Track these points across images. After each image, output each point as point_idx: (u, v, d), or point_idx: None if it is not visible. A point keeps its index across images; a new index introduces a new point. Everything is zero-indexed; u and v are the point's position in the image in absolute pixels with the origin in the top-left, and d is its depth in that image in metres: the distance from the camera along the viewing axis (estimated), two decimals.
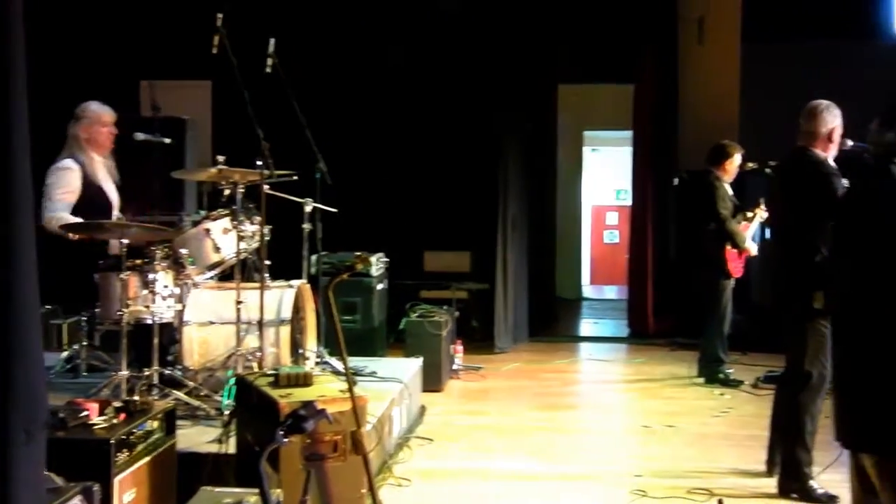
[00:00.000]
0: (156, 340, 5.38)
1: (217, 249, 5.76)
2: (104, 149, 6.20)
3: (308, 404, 3.20)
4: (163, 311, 5.48)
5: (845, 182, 5.25)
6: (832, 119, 5.26)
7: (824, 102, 5.33)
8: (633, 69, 10.73)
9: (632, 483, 5.45)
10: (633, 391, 8.17)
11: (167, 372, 5.45)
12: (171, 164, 7.46)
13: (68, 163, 5.98)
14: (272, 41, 6.20)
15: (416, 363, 7.14)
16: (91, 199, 6.03)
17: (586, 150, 15.03)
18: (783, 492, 5.21)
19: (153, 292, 5.43)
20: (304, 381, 4.21)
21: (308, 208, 6.67)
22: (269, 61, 6.19)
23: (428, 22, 10.13)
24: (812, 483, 5.15)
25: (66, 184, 5.94)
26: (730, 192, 8.01)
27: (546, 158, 11.32)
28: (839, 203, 5.04)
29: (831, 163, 5.25)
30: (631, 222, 10.95)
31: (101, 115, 6.14)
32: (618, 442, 6.60)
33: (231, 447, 4.51)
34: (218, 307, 5.66)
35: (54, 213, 5.84)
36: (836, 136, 5.27)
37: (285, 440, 3.09)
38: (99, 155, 6.16)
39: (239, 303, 5.52)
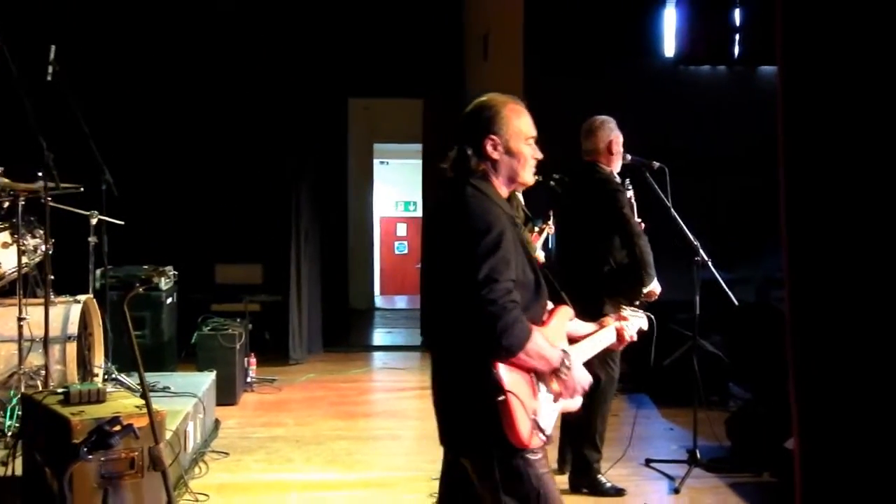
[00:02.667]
0: None
1: None
2: None
3: (113, 420, 3.10)
4: None
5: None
6: (608, 133, 5.55)
7: (599, 118, 5.62)
8: (422, 84, 10.91)
9: (431, 486, 5.54)
10: (428, 398, 8.22)
11: None
12: None
13: None
14: (53, 48, 5.96)
15: (209, 377, 7.00)
16: None
17: (376, 163, 15.16)
18: (574, 487, 5.46)
19: None
20: (97, 397, 4.07)
21: (94, 221, 6.44)
22: (51, 69, 5.95)
23: (219, 32, 9.97)
24: (600, 478, 5.42)
25: None
26: (522, 202, 8.27)
27: (337, 170, 11.35)
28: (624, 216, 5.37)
29: (616, 177, 5.55)
30: (421, 233, 11.11)
31: None
32: (415, 447, 6.69)
33: (17, 469, 4.30)
34: None
35: None
36: (616, 148, 5.56)
37: (90, 457, 2.98)
38: None
39: (21, 319, 5.26)
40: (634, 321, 3.63)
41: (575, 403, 3.18)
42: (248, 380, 8.21)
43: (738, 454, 6.09)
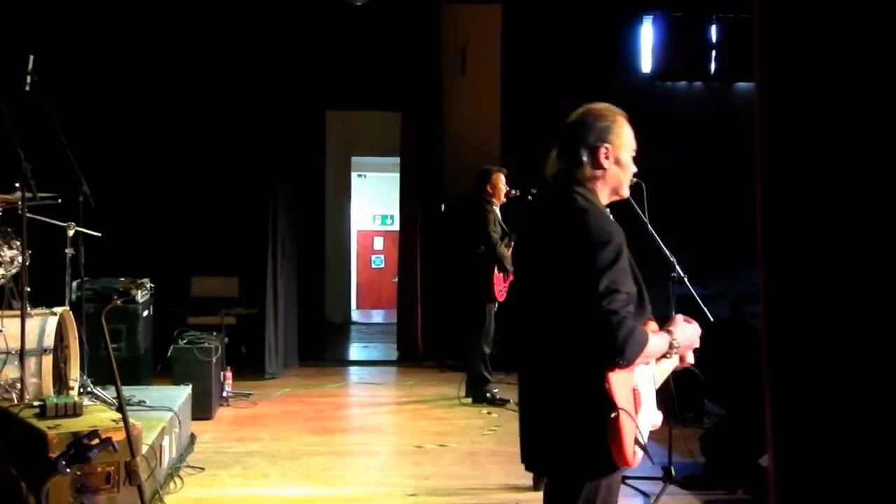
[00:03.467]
0: None
1: None
2: None
3: (92, 433, 3.08)
4: None
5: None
6: None
7: None
8: (400, 97, 10.93)
9: (407, 502, 5.56)
10: (405, 412, 8.30)
11: None
12: None
13: None
14: (31, 58, 5.93)
15: (185, 391, 6.96)
16: None
17: (353, 176, 15.14)
18: None
19: None
20: (74, 411, 4.05)
21: (71, 232, 6.40)
22: (29, 79, 5.92)
23: (197, 44, 9.96)
24: None
25: None
26: (499, 217, 8.32)
27: (314, 183, 11.35)
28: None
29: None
30: (399, 248, 11.12)
31: None
32: (392, 462, 6.69)
33: None
34: None
35: None
36: None
37: (68, 470, 2.96)
38: None
39: None
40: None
41: (659, 420, 3.18)
42: (224, 394, 8.16)
43: (712, 471, 6.11)
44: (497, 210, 8.30)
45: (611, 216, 3.13)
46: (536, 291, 3.09)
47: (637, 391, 3.00)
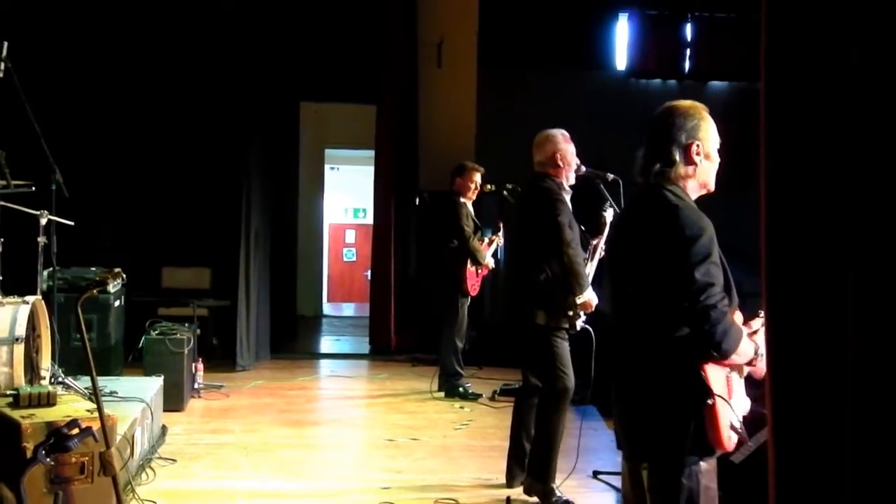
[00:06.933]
0: None
1: None
2: None
3: (72, 422, 3.05)
4: None
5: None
6: (554, 145, 5.58)
7: (548, 131, 5.65)
8: (375, 90, 10.90)
9: (380, 496, 5.55)
10: (377, 406, 8.29)
11: None
12: None
13: None
14: (5, 44, 5.87)
15: (156, 382, 6.90)
16: None
17: (326, 168, 15.09)
18: (528, 492, 5.49)
19: None
20: (48, 401, 4.01)
21: (43, 221, 6.32)
22: (2, 66, 5.85)
23: (170, 32, 9.88)
24: (553, 487, 5.44)
25: None
26: (472, 211, 8.32)
27: (287, 175, 11.31)
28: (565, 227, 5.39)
29: (565, 188, 5.57)
30: (373, 241, 11.08)
31: None
32: (364, 456, 6.69)
33: None
34: None
35: None
36: (566, 161, 5.58)
37: (48, 459, 2.93)
38: None
39: None
40: None
41: (748, 407, 3.27)
42: (196, 385, 8.12)
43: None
44: (469, 205, 8.30)
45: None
46: (634, 289, 3.19)
47: (730, 379, 3.13)
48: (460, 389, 8.36)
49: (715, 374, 3.01)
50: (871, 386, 2.15)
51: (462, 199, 8.23)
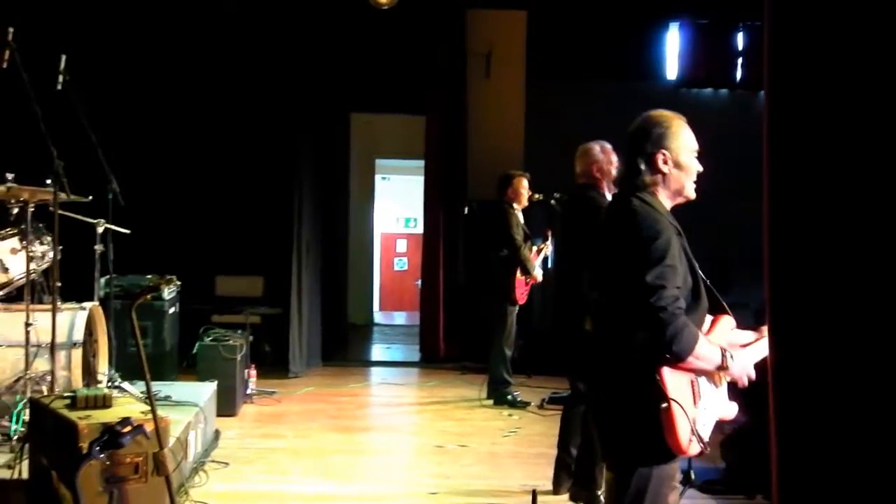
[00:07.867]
0: None
1: (5, 270, 5.54)
2: None
3: (124, 420, 3.15)
4: None
5: None
6: (593, 158, 5.61)
7: (586, 144, 5.69)
8: (424, 101, 10.99)
9: (428, 501, 5.61)
10: (426, 413, 8.35)
11: None
12: None
13: None
14: (64, 57, 6.04)
15: (210, 387, 7.04)
16: None
17: (377, 178, 15.22)
18: (573, 499, 5.51)
19: None
20: (104, 403, 4.12)
21: (100, 229, 6.49)
22: (61, 78, 6.02)
23: (225, 45, 10.06)
24: (598, 494, 5.45)
25: None
26: (521, 220, 8.36)
27: (338, 185, 11.43)
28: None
29: (607, 199, 5.59)
30: (423, 250, 11.17)
31: None
32: (413, 462, 6.74)
33: (23, 472, 4.35)
34: (5, 329, 5.43)
35: None
36: (604, 172, 5.61)
37: (101, 455, 3.04)
38: None
39: (28, 325, 5.32)
40: None
41: (731, 412, 3.30)
42: (248, 391, 8.25)
43: (732, 476, 6.12)
44: (519, 214, 8.34)
45: (670, 218, 3.22)
46: (599, 295, 3.25)
47: (695, 383, 3.12)
48: (509, 398, 8.40)
49: (675, 379, 3.00)
50: (872, 387, 2.16)
51: (514, 208, 8.27)
